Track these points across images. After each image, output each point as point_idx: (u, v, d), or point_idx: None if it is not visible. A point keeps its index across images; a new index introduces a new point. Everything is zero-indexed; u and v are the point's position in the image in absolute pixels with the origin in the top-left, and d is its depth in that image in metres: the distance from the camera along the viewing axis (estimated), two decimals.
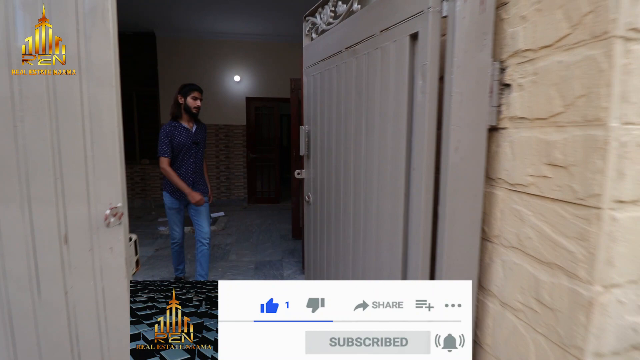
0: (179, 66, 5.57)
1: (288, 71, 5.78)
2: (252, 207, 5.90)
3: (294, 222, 3.98)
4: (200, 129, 2.55)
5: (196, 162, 2.47)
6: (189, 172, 2.41)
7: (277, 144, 6.03)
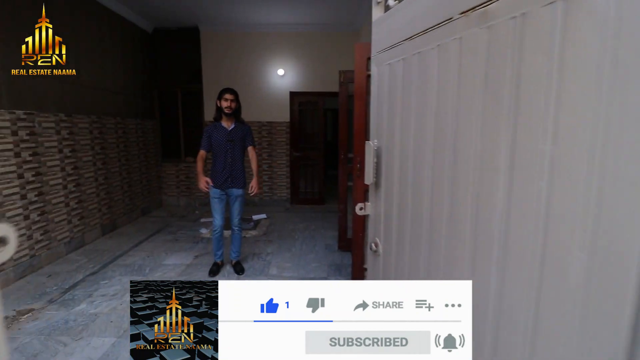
0: (221, 62, 5.37)
1: (335, 63, 5.32)
2: (295, 208, 5.60)
3: (340, 232, 3.57)
4: (238, 129, 2.81)
5: (233, 157, 2.78)
6: (225, 165, 2.78)
7: (321, 141, 5.63)
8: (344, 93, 3.32)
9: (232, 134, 2.77)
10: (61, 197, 3.42)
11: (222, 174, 2.79)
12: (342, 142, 3.37)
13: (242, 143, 2.84)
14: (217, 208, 2.91)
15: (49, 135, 3.25)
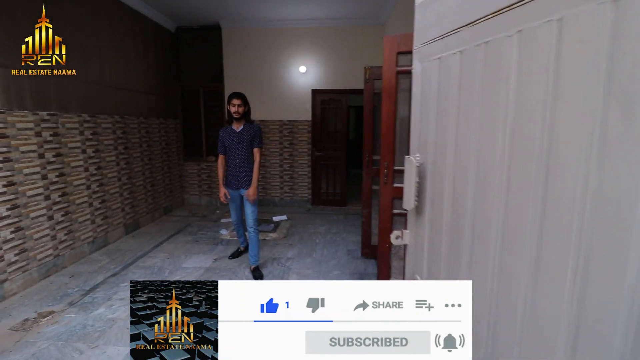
0: (243, 60, 5.28)
1: (359, 58, 5.10)
2: (316, 210, 5.45)
3: (364, 238, 3.38)
4: (246, 130, 2.87)
5: (240, 158, 2.87)
6: (235, 165, 2.89)
7: (344, 140, 5.43)
8: (369, 90, 3.12)
9: (239, 135, 2.86)
10: (85, 197, 3.44)
11: (232, 174, 2.93)
12: (367, 143, 3.17)
13: (250, 144, 2.87)
14: (232, 206, 3.09)
15: (72, 135, 3.26)
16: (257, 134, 2.88)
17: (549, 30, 0.45)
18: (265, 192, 5.62)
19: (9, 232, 2.61)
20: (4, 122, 2.56)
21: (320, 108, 5.38)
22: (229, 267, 3.21)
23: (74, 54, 3.25)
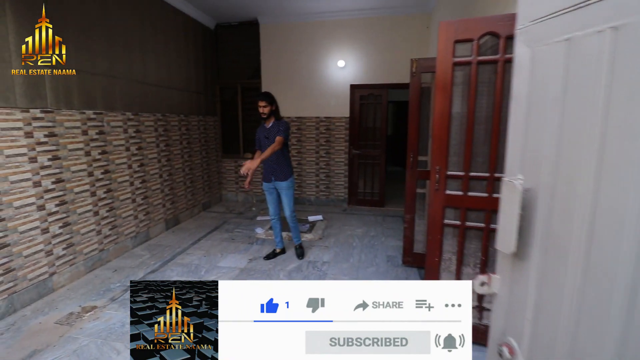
0: (280, 56, 5.19)
1: (402, 50, 4.79)
2: (352, 210, 5.26)
3: (406, 245, 3.13)
4: (275, 126, 3.08)
5: None
6: (267, 160, 3.01)
7: (383, 138, 5.16)
8: (415, 85, 2.85)
9: (268, 131, 3.09)
10: (128, 194, 3.54)
11: (266, 168, 3.12)
12: (412, 142, 2.91)
13: (274, 139, 3.00)
14: (268, 199, 3.24)
15: (117, 133, 3.34)
16: (284, 127, 3.04)
17: None
18: (300, 190, 5.52)
19: (58, 227, 2.72)
20: (52, 121, 2.65)
21: (359, 104, 5.14)
22: (264, 269, 3.13)
23: (119, 54, 3.32)
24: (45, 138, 2.59)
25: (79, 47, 2.86)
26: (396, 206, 5.37)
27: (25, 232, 2.46)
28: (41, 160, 2.56)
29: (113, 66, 3.27)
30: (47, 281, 2.63)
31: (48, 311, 2.44)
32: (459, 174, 1.91)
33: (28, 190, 2.47)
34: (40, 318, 2.35)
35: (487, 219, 1.89)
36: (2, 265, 2.31)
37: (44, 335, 2.17)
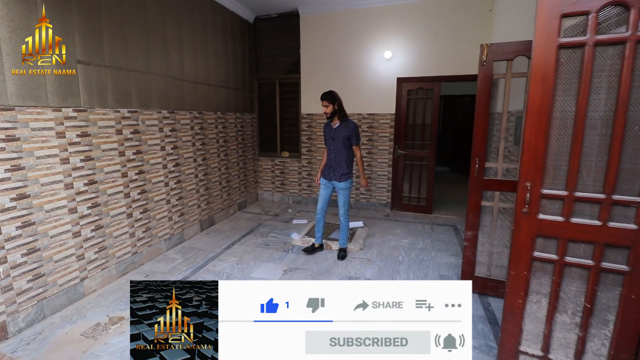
0: (321, 48, 4.83)
1: (459, 38, 4.23)
2: (396, 215, 4.80)
3: (466, 267, 2.66)
4: (342, 127, 3.03)
5: (335, 152, 3.08)
6: (330, 159, 3.14)
7: (433, 137, 4.63)
8: (486, 76, 2.36)
9: (335, 132, 3.05)
10: (163, 195, 3.41)
11: (328, 166, 3.16)
12: (478, 145, 2.43)
13: (347, 141, 3.03)
14: (322, 194, 3.23)
15: (152, 132, 3.21)
16: (353, 131, 3.02)
17: None
18: None
19: (90, 230, 2.62)
20: (85, 120, 2.53)
21: (406, 99, 4.65)
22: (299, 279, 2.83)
23: (156, 49, 3.18)
24: (78, 138, 2.48)
25: (114, 42, 2.73)
26: (445, 213, 4.83)
27: (56, 236, 2.36)
28: (73, 161, 2.46)
29: (149, 62, 3.13)
30: (77, 286, 2.54)
31: (76, 319, 2.33)
32: (559, 194, 1.44)
33: (59, 192, 2.37)
34: (68, 327, 2.25)
35: (598, 255, 1.41)
36: (32, 270, 2.23)
37: (68, 349, 2.04)
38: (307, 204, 5.37)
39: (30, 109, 2.15)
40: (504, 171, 2.48)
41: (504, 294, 2.31)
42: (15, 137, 2.08)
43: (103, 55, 2.64)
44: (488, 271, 2.62)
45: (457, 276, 2.96)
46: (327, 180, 3.18)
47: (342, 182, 3.11)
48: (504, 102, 2.36)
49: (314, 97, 4.97)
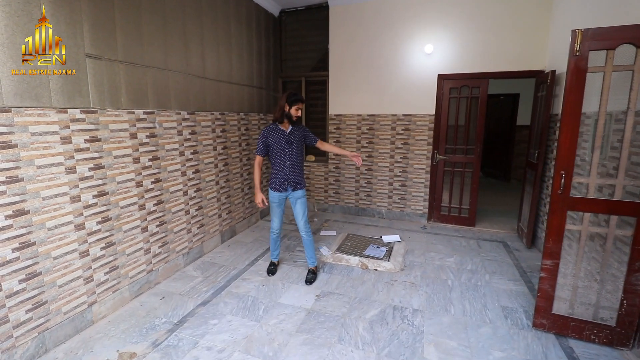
0: (352, 42, 4.41)
1: (512, 28, 3.73)
2: (434, 228, 4.33)
3: (541, 302, 2.17)
4: (296, 130, 2.74)
5: (291, 159, 2.72)
6: (285, 168, 2.72)
7: (479, 141, 4.13)
8: (579, 69, 1.87)
9: (291, 135, 2.72)
10: (181, 205, 3.08)
11: (281, 176, 2.75)
12: (564, 155, 1.94)
13: (301, 144, 2.78)
14: (277, 212, 2.86)
15: (170, 136, 2.88)
16: (307, 131, 2.83)
17: None
18: (369, 200, 4.73)
19: (99, 248, 2.30)
20: (95, 122, 2.21)
21: (448, 98, 4.16)
22: (337, 315, 2.43)
23: (175, 44, 2.84)
24: (86, 144, 2.16)
25: (128, 34, 2.40)
26: (490, 226, 4.31)
27: (60, 257, 2.05)
28: (81, 170, 2.14)
29: (167, 57, 2.80)
30: (85, 313, 2.22)
31: (82, 355, 2.00)
32: None
33: (64, 207, 2.05)
34: None
35: None
36: (32, 298, 1.91)
37: None
38: (333, 212, 4.96)
39: (30, 110, 1.83)
40: (596, 188, 1.98)
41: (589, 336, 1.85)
42: (12, 143, 1.76)
43: (116, 48, 2.31)
44: (570, 309, 2.13)
45: (522, 308, 2.48)
46: (282, 192, 2.77)
47: (303, 190, 2.82)
48: (600, 102, 1.87)
49: (343, 97, 4.56)
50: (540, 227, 3.57)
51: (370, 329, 2.26)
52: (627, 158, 1.84)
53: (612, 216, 1.92)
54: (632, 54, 1.76)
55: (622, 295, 1.95)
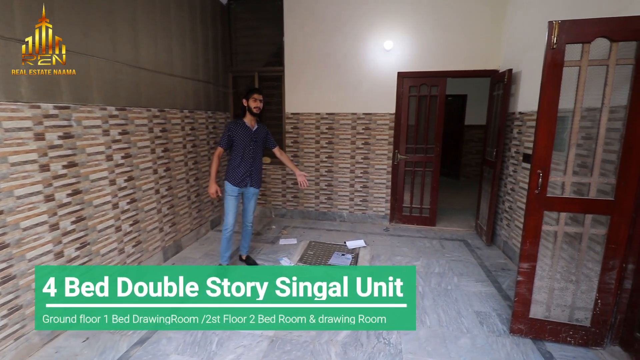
0: (308, 36, 4.14)
1: (469, 27, 3.73)
2: (396, 229, 4.22)
3: (519, 307, 2.09)
4: (261, 129, 2.84)
5: (254, 157, 2.80)
6: (247, 164, 2.78)
7: (438, 140, 4.10)
8: (555, 62, 1.79)
9: (256, 134, 2.79)
10: (110, 220, 2.54)
11: (242, 172, 2.78)
12: (541, 153, 1.86)
13: (262, 144, 2.87)
14: (232, 206, 2.83)
15: (92, 137, 2.34)
16: (269, 134, 2.90)
17: None
18: (330, 203, 4.49)
19: None
20: None
21: (408, 97, 4.08)
22: (304, 339, 2.12)
23: (98, 24, 2.31)
24: None
25: (36, 14, 1.86)
26: (450, 225, 4.33)
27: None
28: None
29: (87, 39, 2.26)
30: None
31: None
32: None
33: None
34: None
35: None
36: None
37: None
38: (292, 217, 4.64)
39: None
40: (573, 187, 1.93)
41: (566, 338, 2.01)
42: None
43: (15, 26, 1.76)
44: (547, 312, 2.07)
45: (495, 312, 2.40)
46: (240, 187, 2.80)
47: (258, 188, 2.92)
48: (576, 98, 1.80)
49: (301, 95, 4.27)
50: (499, 224, 3.62)
51: (344, 354, 1.99)
52: (601, 155, 1.79)
53: (587, 215, 1.87)
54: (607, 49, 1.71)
55: (597, 294, 1.92)
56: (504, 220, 3.50)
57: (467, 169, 7.40)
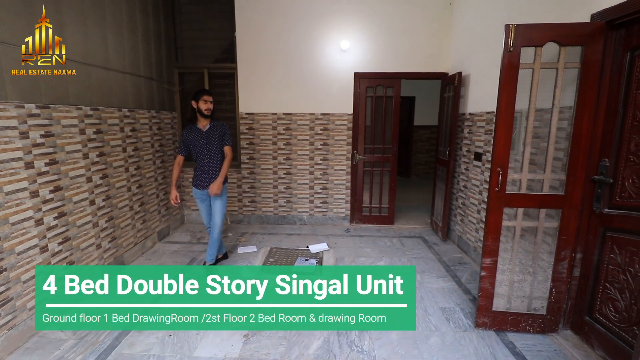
0: (263, 33, 3.95)
1: (420, 31, 3.85)
2: (357, 229, 4.22)
3: (483, 301, 2.15)
4: (214, 128, 2.78)
5: (209, 157, 2.79)
6: (204, 166, 2.80)
7: (394, 140, 4.18)
8: (512, 65, 1.86)
9: (208, 134, 2.76)
10: (34, 239, 2.13)
11: (201, 174, 2.82)
12: (500, 152, 1.93)
13: (219, 143, 2.80)
14: (202, 209, 2.93)
15: (7, 140, 1.93)
16: (226, 131, 2.83)
17: None
18: (289, 207, 4.35)
19: None
20: None
21: (365, 97, 4.10)
22: (273, 357, 1.96)
23: (14, 6, 1.91)
24: None
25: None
26: (407, 222, 4.45)
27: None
28: None
29: None
30: None
31: None
32: None
33: None
34: None
35: None
36: None
37: None
38: (250, 223, 4.41)
39: None
40: (527, 183, 2.03)
41: (525, 327, 2.13)
42: None
43: None
44: (508, 303, 2.16)
45: (459, 307, 2.47)
46: (202, 190, 2.83)
47: (222, 189, 2.85)
48: (530, 99, 1.90)
49: (256, 93, 4.06)
50: (454, 220, 3.78)
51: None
52: (552, 153, 1.91)
53: (541, 210, 1.98)
54: (556, 52, 1.82)
55: (551, 284, 2.04)
56: (458, 216, 3.66)
57: (417, 167, 7.74)
